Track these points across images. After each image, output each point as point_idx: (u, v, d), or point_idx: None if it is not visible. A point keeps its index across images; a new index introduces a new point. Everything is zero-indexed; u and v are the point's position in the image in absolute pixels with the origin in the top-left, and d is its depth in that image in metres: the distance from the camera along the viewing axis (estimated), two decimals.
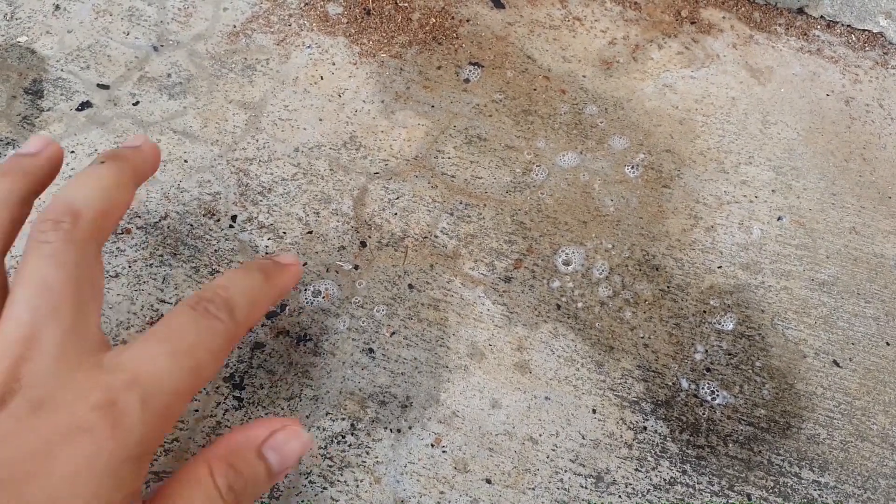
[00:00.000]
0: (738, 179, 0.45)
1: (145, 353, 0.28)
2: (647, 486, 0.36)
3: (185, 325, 0.30)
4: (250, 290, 0.32)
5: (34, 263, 0.29)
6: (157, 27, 0.51)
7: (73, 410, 0.26)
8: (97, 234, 0.31)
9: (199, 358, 0.29)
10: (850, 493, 0.35)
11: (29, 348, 0.27)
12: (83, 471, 0.25)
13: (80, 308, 0.29)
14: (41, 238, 0.29)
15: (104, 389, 0.27)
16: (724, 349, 0.39)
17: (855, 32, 0.52)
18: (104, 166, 0.32)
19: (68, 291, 0.29)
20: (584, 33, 0.52)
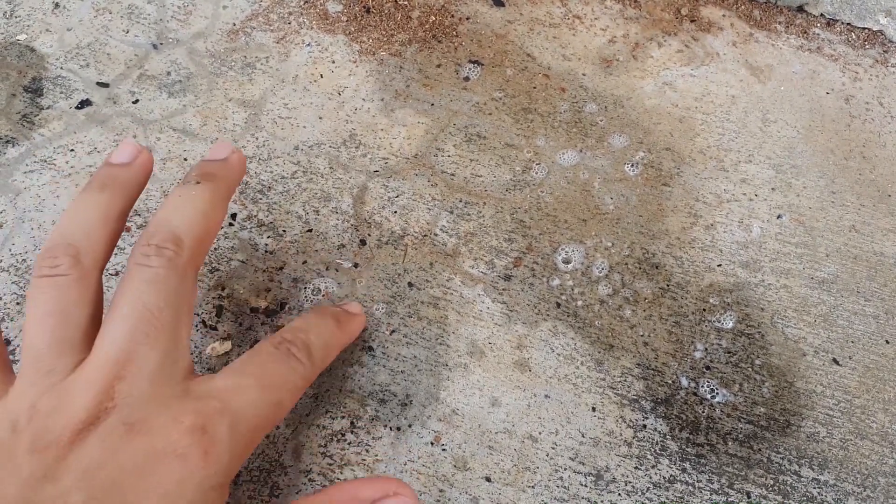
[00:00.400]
0: (738, 177, 0.45)
1: (235, 383, 0.30)
2: (647, 484, 0.36)
3: (271, 363, 0.31)
4: (325, 335, 0.34)
5: (136, 286, 0.30)
6: (157, 25, 0.51)
7: (166, 434, 0.27)
8: (196, 259, 0.32)
9: (281, 394, 0.31)
10: (849, 491, 0.36)
11: (125, 368, 0.28)
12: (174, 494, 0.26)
13: (175, 334, 0.30)
14: (144, 262, 0.30)
15: (196, 415, 0.28)
16: (724, 347, 0.39)
17: (855, 30, 0.52)
18: (200, 188, 0.33)
19: (167, 317, 0.29)
20: (583, 31, 0.52)
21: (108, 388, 0.28)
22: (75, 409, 0.27)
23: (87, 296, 0.30)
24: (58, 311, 0.30)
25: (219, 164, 0.35)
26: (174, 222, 0.31)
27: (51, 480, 0.26)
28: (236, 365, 0.31)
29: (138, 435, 0.27)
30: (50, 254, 0.31)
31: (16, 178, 0.43)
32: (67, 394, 0.28)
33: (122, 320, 0.29)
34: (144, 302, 0.29)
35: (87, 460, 0.26)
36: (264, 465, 0.36)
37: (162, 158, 0.45)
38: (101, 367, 0.28)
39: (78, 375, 0.28)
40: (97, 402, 0.27)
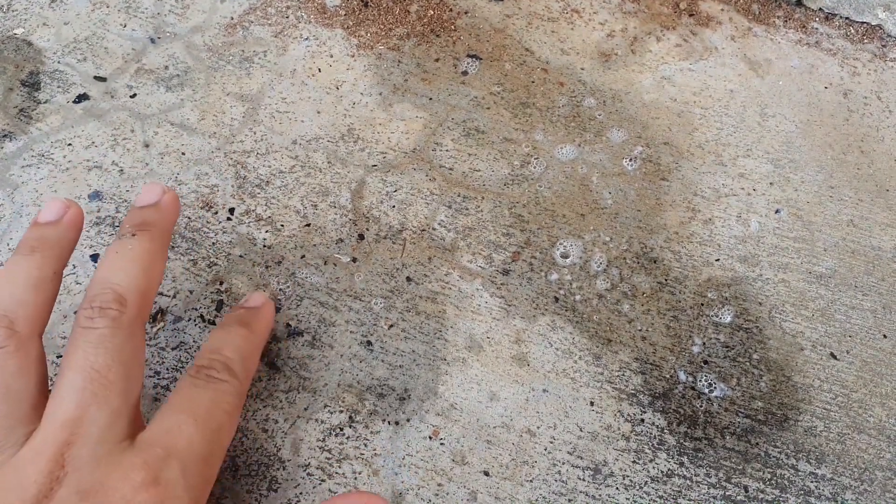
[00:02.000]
0: (736, 172, 0.45)
1: (171, 424, 0.30)
2: (645, 478, 0.36)
3: (197, 394, 0.31)
4: (239, 345, 0.34)
5: (82, 349, 0.29)
6: (155, 19, 0.50)
7: (121, 494, 0.27)
8: (143, 313, 0.31)
9: (217, 420, 0.31)
10: (846, 485, 0.36)
11: (74, 433, 0.28)
12: None
13: (125, 391, 0.30)
14: (89, 325, 0.30)
15: (145, 468, 0.28)
16: (722, 342, 0.39)
17: (853, 25, 0.52)
18: (137, 241, 0.33)
19: (115, 375, 0.29)
20: (582, 25, 0.51)
21: (58, 456, 0.27)
22: (27, 485, 0.27)
23: (27, 365, 0.30)
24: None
25: (151, 210, 0.34)
26: (115, 280, 0.31)
27: None
28: (166, 407, 0.31)
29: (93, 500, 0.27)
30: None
31: (13, 172, 0.43)
32: (19, 470, 0.27)
33: (69, 385, 0.29)
34: (91, 363, 0.29)
35: None
36: (262, 459, 0.36)
37: (160, 153, 0.45)
38: (49, 435, 0.28)
39: (27, 448, 0.28)
40: (48, 472, 0.27)
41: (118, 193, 0.43)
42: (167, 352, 0.38)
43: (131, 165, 0.44)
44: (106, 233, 0.41)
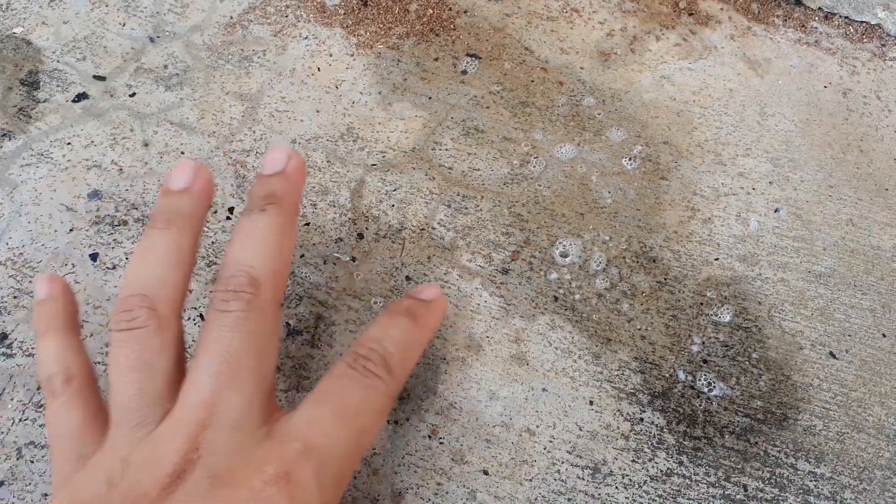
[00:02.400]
0: (736, 171, 0.45)
1: (312, 417, 0.29)
2: (644, 478, 0.36)
3: (347, 387, 0.30)
4: (402, 339, 0.32)
5: (218, 333, 0.29)
6: (154, 18, 0.50)
7: (250, 485, 0.26)
8: (277, 294, 0.31)
9: (363, 419, 0.29)
10: (845, 485, 0.36)
11: (210, 416, 0.28)
12: None
13: (259, 375, 0.29)
14: (224, 308, 0.30)
15: (279, 462, 0.27)
16: (721, 341, 0.39)
17: (853, 24, 0.52)
18: (266, 218, 0.32)
19: (250, 360, 0.29)
20: (581, 25, 0.51)
21: (193, 437, 0.28)
22: (163, 463, 0.27)
23: (168, 344, 0.30)
24: (141, 365, 0.29)
25: (278, 179, 0.33)
26: (247, 262, 0.30)
27: None
28: (314, 394, 0.30)
29: (222, 488, 0.27)
30: (125, 306, 0.30)
31: (12, 171, 0.43)
32: (156, 446, 0.28)
33: (205, 368, 0.29)
34: (227, 347, 0.29)
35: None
36: None
37: (159, 152, 0.45)
38: (186, 416, 0.28)
39: (165, 426, 0.28)
40: (183, 453, 0.27)
41: (117, 192, 0.43)
42: None
43: (130, 164, 0.44)
44: (105, 232, 0.41)
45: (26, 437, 0.36)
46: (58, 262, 0.41)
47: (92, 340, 0.38)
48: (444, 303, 0.35)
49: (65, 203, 0.43)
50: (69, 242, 0.41)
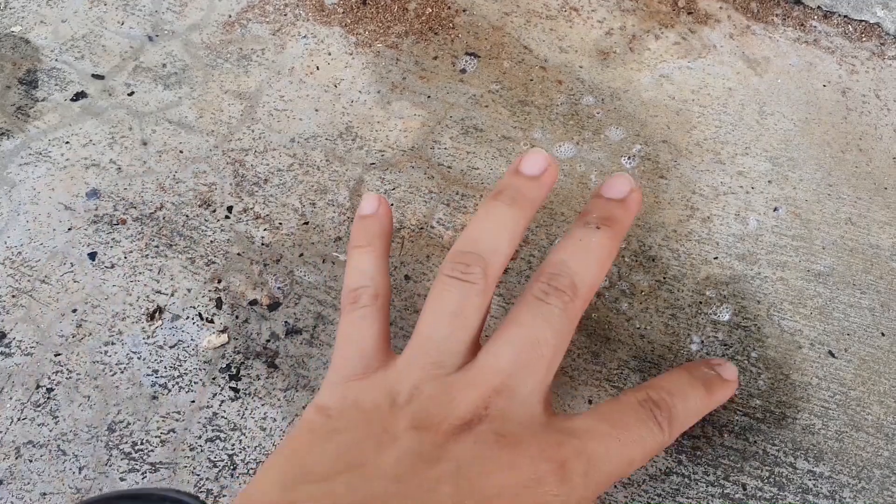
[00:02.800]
0: (735, 170, 0.45)
1: (596, 428, 0.30)
2: (643, 477, 0.36)
3: (633, 420, 0.31)
4: (691, 404, 0.33)
5: (532, 318, 0.31)
6: (152, 17, 0.50)
7: (531, 457, 0.28)
8: (584, 306, 0.33)
9: (635, 453, 0.30)
10: (844, 483, 0.36)
11: (503, 385, 0.30)
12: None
13: (550, 369, 0.31)
14: (542, 298, 0.32)
15: (558, 448, 0.29)
16: (720, 340, 0.39)
17: (852, 23, 0.52)
18: (601, 237, 0.33)
19: (548, 352, 0.31)
20: (580, 23, 0.51)
21: (486, 397, 0.30)
22: (456, 405, 0.29)
23: (484, 307, 0.32)
24: (460, 313, 0.32)
25: (618, 205, 0.35)
26: (574, 268, 0.32)
27: (426, 462, 0.27)
28: (597, 410, 0.31)
29: (507, 448, 0.28)
30: (462, 259, 0.32)
31: (10, 170, 0.43)
32: (451, 388, 0.30)
33: (511, 341, 0.31)
34: (535, 333, 0.31)
35: (461, 456, 0.28)
36: (261, 457, 0.36)
37: (158, 151, 0.45)
38: (484, 376, 0.30)
39: (463, 376, 0.30)
40: (474, 406, 0.29)
41: (116, 192, 0.43)
42: (165, 350, 0.38)
43: (129, 163, 0.44)
44: (104, 231, 0.41)
45: (25, 437, 0.36)
46: (56, 261, 0.41)
47: (90, 340, 0.38)
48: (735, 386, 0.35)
49: (63, 202, 0.43)
50: (68, 241, 0.41)
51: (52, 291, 0.40)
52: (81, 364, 0.38)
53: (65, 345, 0.38)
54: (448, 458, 0.28)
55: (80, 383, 0.37)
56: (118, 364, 0.38)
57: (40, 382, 0.37)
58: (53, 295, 0.40)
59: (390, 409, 0.30)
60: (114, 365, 0.38)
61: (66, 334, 0.38)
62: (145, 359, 0.38)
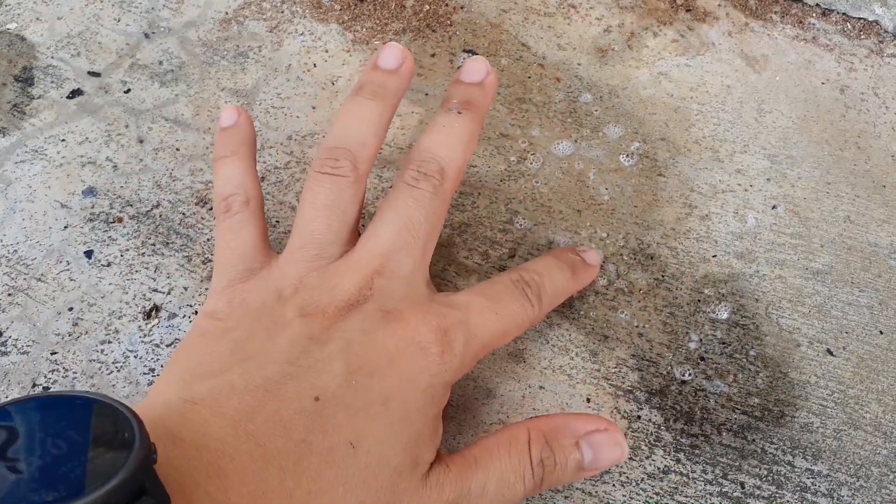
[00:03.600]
0: (733, 168, 0.45)
1: (476, 303, 0.33)
2: (641, 475, 0.36)
3: (507, 296, 0.34)
4: (559, 283, 0.36)
5: (403, 202, 0.33)
6: (148, 14, 0.50)
7: (415, 327, 0.30)
8: (454, 188, 0.35)
9: (509, 326, 0.33)
10: (842, 482, 0.36)
11: (384, 266, 0.32)
12: (414, 382, 0.29)
13: (426, 248, 0.34)
14: (412, 183, 0.34)
15: (440, 318, 0.31)
16: (719, 338, 0.39)
17: (850, 20, 0.52)
18: (462, 120, 0.35)
19: (423, 232, 0.33)
20: (578, 21, 0.51)
21: (368, 279, 0.32)
22: (340, 290, 0.31)
23: (358, 198, 0.34)
24: (336, 206, 0.34)
25: (477, 89, 0.37)
26: (439, 153, 0.34)
27: (317, 343, 0.29)
28: (475, 288, 0.34)
29: (392, 321, 0.30)
30: (331, 154, 0.34)
31: (6, 168, 0.43)
32: (334, 276, 0.32)
33: (387, 225, 0.33)
34: (409, 216, 0.33)
35: (349, 333, 0.30)
36: None
37: (154, 148, 0.44)
38: (365, 259, 0.32)
39: (344, 262, 0.33)
40: (358, 289, 0.31)
41: (112, 189, 0.43)
42: (161, 348, 0.38)
43: (125, 161, 0.44)
44: (100, 229, 0.41)
45: None
46: (52, 259, 0.40)
47: (87, 338, 0.38)
48: (597, 271, 0.40)
49: (59, 200, 0.42)
50: (64, 240, 0.41)
51: (48, 290, 0.40)
52: (78, 363, 0.38)
53: (61, 343, 0.38)
54: (337, 338, 0.29)
55: (76, 382, 0.37)
56: (115, 363, 0.38)
57: (36, 381, 0.37)
58: (49, 293, 0.39)
59: (277, 303, 0.31)
60: (110, 363, 0.38)
61: (62, 333, 0.38)
62: (142, 357, 0.38)
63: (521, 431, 0.32)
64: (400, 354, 0.30)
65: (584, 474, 0.32)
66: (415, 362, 0.30)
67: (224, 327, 0.31)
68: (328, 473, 0.26)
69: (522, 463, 0.31)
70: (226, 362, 0.29)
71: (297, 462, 0.26)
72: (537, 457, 0.31)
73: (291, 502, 0.25)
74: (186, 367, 0.30)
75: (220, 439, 0.25)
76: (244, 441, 0.26)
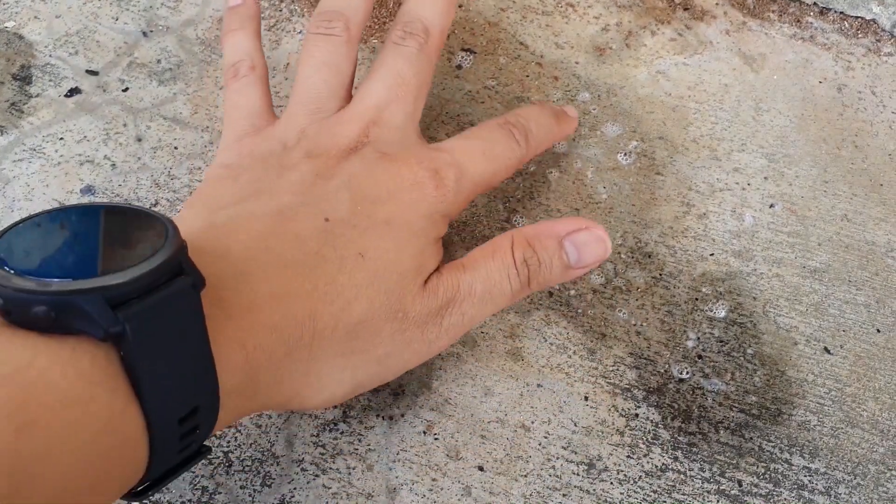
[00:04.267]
0: (731, 167, 0.45)
1: (465, 146, 0.36)
2: (639, 473, 0.36)
3: (496, 138, 0.37)
4: (545, 126, 0.39)
5: (393, 59, 0.36)
6: (147, 12, 0.50)
7: (410, 166, 0.34)
8: (439, 48, 0.38)
9: (498, 166, 0.36)
10: (839, 479, 0.36)
11: (379, 116, 0.35)
12: (413, 208, 0.33)
13: (417, 102, 0.37)
14: (400, 42, 0.37)
15: (431, 160, 0.34)
16: (716, 336, 0.39)
17: (848, 19, 0.52)
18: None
19: (414, 86, 0.36)
20: (576, 19, 0.51)
21: (365, 128, 0.35)
22: (340, 137, 0.34)
23: (352, 56, 0.37)
24: (332, 63, 0.36)
25: None
26: (423, 14, 0.37)
27: (323, 178, 0.32)
28: (464, 133, 0.37)
29: (389, 161, 0.34)
30: (325, 17, 0.37)
31: (4, 167, 0.43)
32: (333, 126, 0.35)
33: (380, 80, 0.36)
34: (399, 70, 0.36)
35: (352, 170, 0.33)
36: (256, 454, 0.36)
37: (153, 147, 0.44)
38: (361, 111, 0.35)
39: (341, 115, 0.35)
40: (357, 135, 0.34)
41: (110, 188, 0.43)
42: None
43: (124, 160, 0.44)
44: None
45: None
46: None
47: None
48: (576, 124, 0.44)
49: (57, 198, 0.42)
50: None
51: None
52: None
53: None
54: (341, 174, 0.33)
55: None
56: None
57: None
58: None
59: (283, 151, 0.34)
60: None
61: None
62: None
63: (505, 239, 0.34)
64: (398, 188, 0.33)
65: (572, 272, 0.34)
66: (412, 194, 0.33)
67: (236, 173, 0.34)
68: (341, 278, 0.30)
69: (506, 263, 0.33)
70: (243, 195, 0.32)
71: (312, 269, 0.29)
72: (520, 257, 0.33)
73: (311, 300, 0.29)
74: (205, 203, 0.32)
75: (243, 251, 0.29)
76: (264, 252, 0.29)
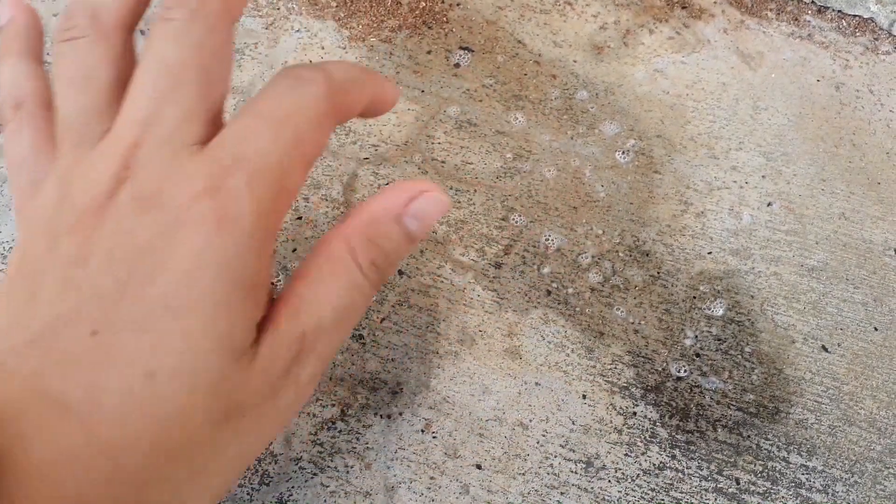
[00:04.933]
0: (729, 165, 0.45)
1: (243, 126, 0.26)
2: (637, 471, 0.36)
3: (280, 93, 0.26)
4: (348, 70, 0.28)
5: (158, 42, 0.26)
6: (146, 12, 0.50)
7: (176, 204, 0.24)
8: (228, 8, 0.27)
9: (298, 126, 0.26)
10: (837, 478, 0.36)
11: (144, 132, 0.25)
12: (198, 268, 0.24)
13: (200, 90, 0.26)
14: (166, 15, 0.26)
15: (207, 176, 0.25)
16: (714, 335, 0.39)
17: (846, 18, 0.52)
18: None
19: (191, 74, 0.26)
20: (574, 18, 0.51)
21: (126, 156, 0.25)
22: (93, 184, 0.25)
23: (110, 56, 0.28)
24: (79, 77, 0.27)
25: None
26: None
27: (80, 266, 0.24)
28: (246, 104, 0.27)
29: (148, 211, 0.24)
30: (66, 17, 0.28)
31: (2, 165, 0.43)
32: (89, 168, 0.26)
33: (143, 82, 0.26)
34: (166, 59, 0.26)
35: (108, 241, 0.24)
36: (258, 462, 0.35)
37: None
38: (122, 134, 0.26)
39: (103, 145, 0.26)
40: (113, 174, 0.25)
41: None
42: None
43: None
44: None
45: None
46: None
47: None
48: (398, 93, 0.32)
49: None
50: None
51: None
52: None
53: None
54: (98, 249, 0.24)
55: None
56: None
57: None
58: None
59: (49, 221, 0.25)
60: None
61: None
62: None
63: (339, 244, 0.27)
64: (168, 246, 0.24)
65: (418, 241, 0.28)
66: (188, 245, 0.24)
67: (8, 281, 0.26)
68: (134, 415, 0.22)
69: (353, 277, 0.27)
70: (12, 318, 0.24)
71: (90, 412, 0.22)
72: (367, 261, 0.27)
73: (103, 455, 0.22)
74: None
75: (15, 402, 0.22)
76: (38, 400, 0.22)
